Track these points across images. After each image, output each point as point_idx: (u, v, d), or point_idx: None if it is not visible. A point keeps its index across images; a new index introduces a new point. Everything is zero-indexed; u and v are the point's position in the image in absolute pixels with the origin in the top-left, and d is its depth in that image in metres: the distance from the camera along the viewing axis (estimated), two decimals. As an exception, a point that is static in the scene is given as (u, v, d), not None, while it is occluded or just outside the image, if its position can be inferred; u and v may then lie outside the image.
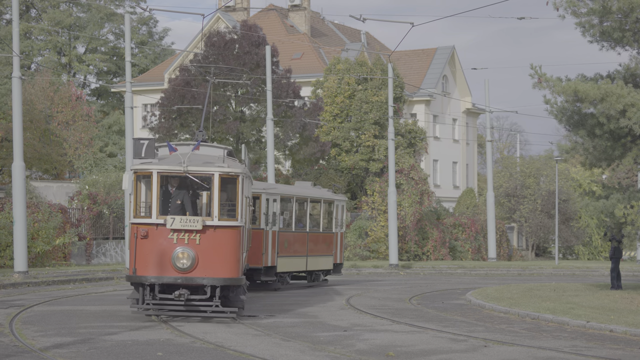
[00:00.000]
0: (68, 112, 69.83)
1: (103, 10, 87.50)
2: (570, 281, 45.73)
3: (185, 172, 24.10)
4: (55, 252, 48.86)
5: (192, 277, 23.79)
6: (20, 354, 19.48)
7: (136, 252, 24.02)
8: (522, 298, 32.93)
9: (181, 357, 19.47)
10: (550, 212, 71.93)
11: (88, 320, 25.95)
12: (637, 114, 30.31)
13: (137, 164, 24.64)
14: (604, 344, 22.62)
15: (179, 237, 23.69)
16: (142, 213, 25.04)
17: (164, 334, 23.00)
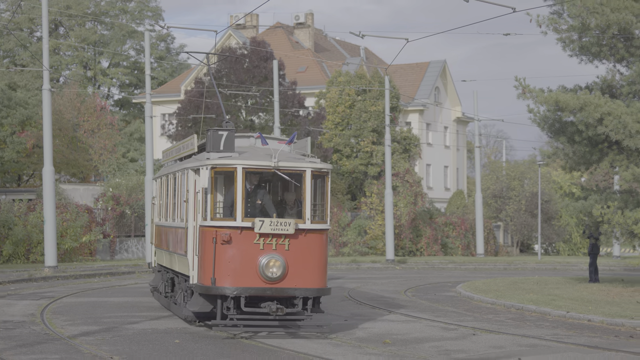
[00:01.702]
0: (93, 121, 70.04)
1: (125, 28, 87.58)
2: (552, 275, 45.62)
3: (275, 169, 19.57)
4: (82, 249, 48.91)
5: (283, 288, 19.30)
6: (50, 341, 19.49)
7: (215, 259, 19.19)
8: (507, 290, 32.89)
9: (196, 344, 19.44)
10: (533, 211, 71.91)
11: (112, 310, 25.96)
12: (613, 122, 30.26)
13: (216, 159, 19.78)
14: (582, 333, 22.58)
15: (266, 243, 19.18)
16: (218, 215, 20.11)
17: (180, 324, 22.96)
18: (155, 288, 27.42)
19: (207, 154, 20.28)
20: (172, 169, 25.05)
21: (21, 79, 77.95)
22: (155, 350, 18.50)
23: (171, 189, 24.54)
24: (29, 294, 30.92)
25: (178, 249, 22.45)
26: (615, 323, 24.17)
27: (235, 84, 57.44)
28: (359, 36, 40.00)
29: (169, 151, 27.94)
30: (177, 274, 23.23)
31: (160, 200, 27.23)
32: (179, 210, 22.72)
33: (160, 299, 26.76)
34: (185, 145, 23.95)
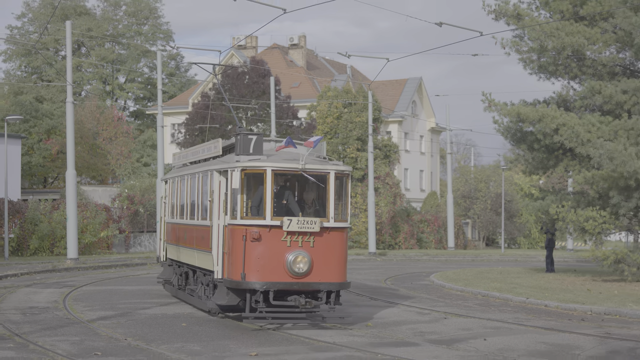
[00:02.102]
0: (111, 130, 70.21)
1: (139, 48, 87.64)
2: (514, 266, 45.69)
3: (302, 171, 18.76)
4: (100, 243, 48.95)
5: (309, 282, 18.54)
6: (71, 324, 19.53)
7: (245, 256, 18.34)
8: (474, 279, 32.95)
9: (201, 327, 19.44)
10: (497, 210, 72.20)
11: (126, 297, 25.95)
12: (567, 131, 30.33)
13: (246, 161, 18.82)
14: (540, 316, 22.65)
15: (293, 240, 18.39)
16: (248, 214, 19.01)
17: (187, 309, 22.96)
18: (167, 281, 26.22)
19: (236, 157, 19.30)
20: (189, 170, 23.91)
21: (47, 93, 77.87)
22: (165, 333, 18.54)
23: (188, 189, 23.47)
24: (52, 283, 30.89)
25: (200, 245, 21.38)
26: (569, 308, 24.28)
27: (236, 98, 57.67)
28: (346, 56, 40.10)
29: (182, 155, 27.10)
30: (196, 268, 22.33)
31: (173, 199, 26.04)
32: (200, 209, 21.78)
33: (173, 290, 25.68)
34: (208, 148, 22.83)
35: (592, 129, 30.42)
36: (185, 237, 23.37)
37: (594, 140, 29.59)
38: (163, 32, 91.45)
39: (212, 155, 22.03)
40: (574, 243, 67.15)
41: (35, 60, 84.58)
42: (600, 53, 31.69)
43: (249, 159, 18.82)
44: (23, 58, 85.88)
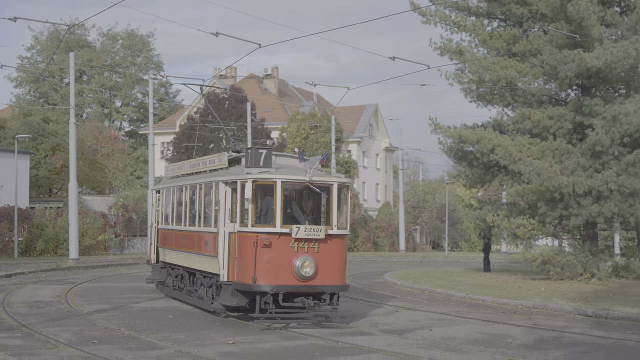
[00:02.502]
0: (108, 147, 70.14)
1: (133, 77, 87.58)
2: (456, 266, 45.88)
3: (309, 182, 17.88)
4: (98, 245, 48.72)
5: (314, 285, 17.66)
6: (72, 316, 19.41)
7: (256, 261, 17.36)
8: (422, 278, 33.04)
9: (185, 319, 19.36)
10: (442, 218, 72.54)
11: (120, 293, 25.78)
12: (501, 151, 30.53)
13: (257, 173, 17.86)
14: (478, 310, 22.74)
15: (300, 246, 17.44)
16: (246, 222, 17.98)
17: (174, 303, 22.86)
18: (161, 282, 24.82)
19: (246, 169, 18.27)
20: (187, 181, 22.56)
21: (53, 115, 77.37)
22: (153, 324, 18.46)
23: (187, 198, 22.14)
24: (56, 280, 30.67)
25: (204, 250, 20.18)
26: (503, 302, 24.40)
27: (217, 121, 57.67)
28: (312, 85, 40.16)
29: (175, 167, 25.70)
30: (195, 271, 21.18)
31: (168, 208, 24.55)
32: (203, 217, 20.54)
33: (168, 291, 24.20)
34: (211, 161, 21.59)
35: (522, 149, 30.64)
36: (183, 242, 22.13)
37: (524, 159, 29.80)
38: (154, 63, 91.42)
39: (217, 167, 20.84)
40: (507, 247, 67.47)
41: (43, 86, 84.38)
42: (529, 84, 31.93)
43: (259, 171, 17.92)
44: (32, 84, 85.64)
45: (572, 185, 28.99)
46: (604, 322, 20.51)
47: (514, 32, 32.35)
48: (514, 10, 31.86)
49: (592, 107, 29.76)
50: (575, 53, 28.96)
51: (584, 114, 30.14)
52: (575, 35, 29.06)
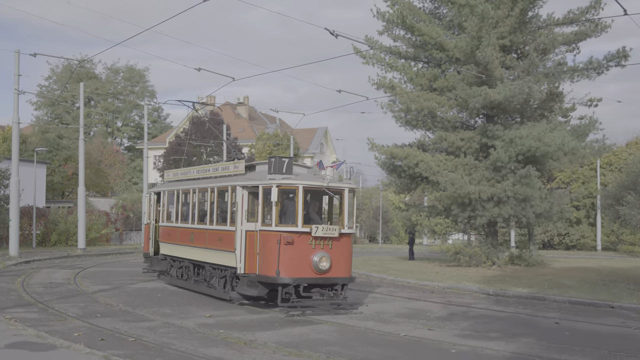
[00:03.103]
0: (111, 159, 69.51)
1: (132, 103, 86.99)
2: (387, 256, 46.03)
3: (326, 187, 16.85)
4: (101, 238, 48.17)
5: (329, 278, 16.49)
6: (79, 295, 19.19)
7: (280, 256, 16.05)
8: (361, 264, 33.04)
9: (172, 297, 19.25)
10: (377, 217, 72.88)
11: (119, 276, 25.52)
12: (424, 165, 30.77)
13: (280, 179, 16.50)
14: (404, 290, 22.86)
15: (317, 243, 16.30)
16: (269, 221, 16.65)
17: (162, 284, 22.69)
18: (162, 272, 23.10)
19: (269, 175, 16.82)
20: (195, 184, 20.72)
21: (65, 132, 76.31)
22: (146, 300, 18.33)
23: (196, 200, 20.47)
24: (67, 265, 30.28)
25: (218, 245, 18.50)
26: (423, 284, 24.56)
27: (200, 139, 57.63)
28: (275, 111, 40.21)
29: (177, 172, 23.60)
30: (204, 263, 19.59)
31: (171, 207, 22.52)
32: (216, 216, 18.85)
33: (170, 280, 22.33)
34: (225, 167, 19.73)
35: (440, 164, 30.93)
36: (191, 238, 20.39)
37: (442, 172, 30.07)
38: (149, 92, 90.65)
39: (233, 173, 19.03)
40: (428, 240, 68.04)
41: (57, 109, 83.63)
42: (446, 113, 32.24)
43: (282, 177, 16.57)
44: (49, 107, 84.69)
45: (478, 192, 29.35)
46: (502, 300, 20.79)
47: (434, 72, 32.70)
48: (434, 55, 32.22)
49: (494, 132, 30.13)
50: (481, 89, 29.34)
51: (488, 137, 30.52)
52: (482, 75, 29.43)
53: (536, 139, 28.57)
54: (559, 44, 31.39)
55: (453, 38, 31.29)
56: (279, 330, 14.27)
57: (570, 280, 25.76)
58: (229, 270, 18.00)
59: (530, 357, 12.09)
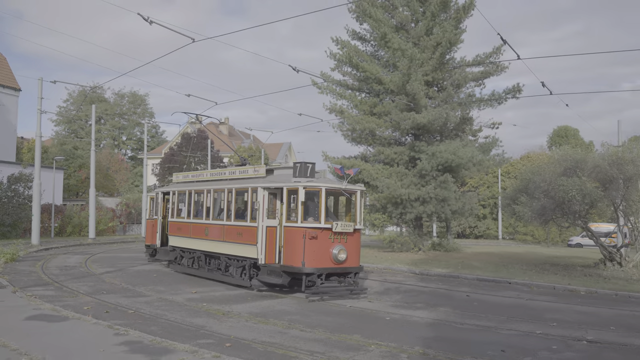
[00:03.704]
0: (117, 166, 68.32)
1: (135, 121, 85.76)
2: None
3: (343, 190, 15.68)
4: (108, 229, 47.12)
5: (345, 267, 15.26)
6: (89, 276, 18.72)
7: (305, 249, 14.78)
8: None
9: (165, 277, 18.93)
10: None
11: (122, 260, 25.01)
12: (366, 173, 30.86)
13: (305, 182, 15.16)
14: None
15: (335, 238, 15.06)
16: (294, 218, 15.15)
17: (158, 267, 22.29)
18: (171, 261, 21.15)
19: (294, 178, 15.50)
20: (209, 186, 19.03)
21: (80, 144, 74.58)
22: (144, 280, 17.99)
23: (211, 199, 18.73)
24: (79, 252, 29.55)
25: (236, 239, 16.87)
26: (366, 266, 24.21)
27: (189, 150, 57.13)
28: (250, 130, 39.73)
29: (189, 174, 21.49)
30: (219, 254, 17.88)
31: (182, 205, 20.57)
32: (233, 213, 17.19)
33: (181, 268, 20.28)
34: (243, 171, 18.06)
35: (379, 172, 31.07)
36: (206, 232, 18.55)
37: (380, 178, 30.23)
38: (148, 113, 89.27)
39: (254, 176, 17.43)
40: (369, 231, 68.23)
41: (73, 125, 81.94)
42: (383, 132, 32.39)
43: (307, 180, 15.21)
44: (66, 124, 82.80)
45: (407, 194, 29.56)
46: (426, 278, 20.94)
47: (374, 100, 32.87)
48: (374, 87, 32.40)
49: (420, 147, 30.40)
50: (410, 114, 29.58)
51: (415, 151, 30.78)
52: (411, 104, 29.69)
53: (452, 153, 28.93)
54: (469, 80, 31.84)
55: (389, 74, 31.51)
56: (251, 303, 14.15)
57: (478, 262, 26.10)
58: (247, 260, 16.60)
59: (447, 322, 12.20)
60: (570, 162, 22.56)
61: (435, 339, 10.60)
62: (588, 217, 23.56)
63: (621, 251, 23.24)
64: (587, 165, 22.06)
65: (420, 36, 30.96)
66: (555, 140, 67.88)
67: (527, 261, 27.45)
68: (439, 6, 30.57)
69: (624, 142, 28.63)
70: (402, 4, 32.04)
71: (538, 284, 18.71)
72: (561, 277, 20.59)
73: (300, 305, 13.94)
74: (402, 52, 29.62)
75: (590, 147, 60.37)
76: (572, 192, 21.26)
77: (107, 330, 9.92)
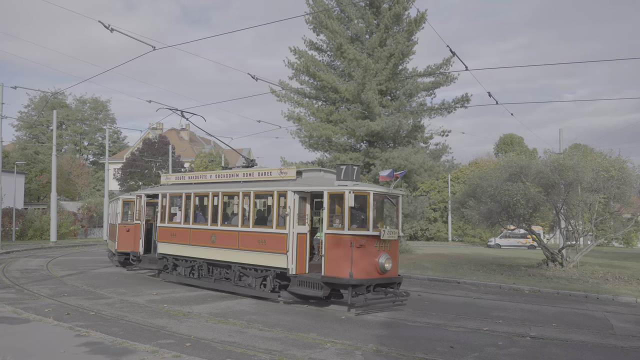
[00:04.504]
0: (78, 171, 66.62)
1: (96, 127, 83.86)
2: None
3: (388, 194, 13.83)
4: (70, 233, 45.91)
5: (389, 277, 13.39)
6: (50, 278, 18.17)
7: (353, 259, 12.78)
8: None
9: (126, 279, 18.52)
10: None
11: (84, 263, 24.36)
12: (323, 178, 30.86)
13: (352, 186, 13.15)
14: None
15: (380, 246, 13.18)
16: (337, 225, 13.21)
17: (119, 270, 21.80)
18: (161, 270, 18.33)
19: (340, 182, 13.47)
20: (216, 188, 16.49)
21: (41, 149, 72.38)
22: (105, 282, 17.57)
23: (220, 202, 16.25)
24: (41, 255, 28.67)
25: (257, 247, 14.63)
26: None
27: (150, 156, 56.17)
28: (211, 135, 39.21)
29: (186, 176, 18.47)
30: (232, 264, 15.53)
31: (176, 209, 17.87)
32: (251, 218, 15.01)
33: (177, 278, 17.50)
34: (265, 173, 15.58)
35: (335, 177, 31.10)
36: (212, 239, 16.09)
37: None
38: (110, 119, 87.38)
39: (280, 178, 15.16)
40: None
41: (35, 130, 79.58)
42: (339, 139, 32.50)
43: (353, 184, 13.26)
44: (28, 129, 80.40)
45: (363, 198, 29.63)
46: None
47: (330, 108, 33.01)
48: (330, 95, 32.53)
49: (374, 153, 30.64)
50: (365, 122, 29.81)
51: (370, 157, 31.02)
52: (365, 112, 29.93)
53: (404, 159, 29.27)
54: (421, 90, 32.33)
55: (344, 83, 31.70)
56: (211, 304, 13.99)
57: (429, 263, 26.42)
58: (271, 270, 14.44)
59: (400, 321, 12.32)
60: (515, 168, 23.14)
61: (388, 336, 10.70)
62: (532, 220, 24.19)
63: (562, 252, 23.93)
64: (530, 171, 22.66)
65: (374, 47, 31.29)
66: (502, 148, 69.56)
67: (475, 262, 27.95)
68: (392, 19, 30.97)
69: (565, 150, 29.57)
70: (357, 16, 32.33)
71: (485, 283, 19.07)
72: (507, 276, 21.06)
73: (259, 306, 13.86)
74: (357, 62, 29.86)
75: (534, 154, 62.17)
76: (516, 196, 21.80)
77: (69, 331, 9.66)
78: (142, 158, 56.57)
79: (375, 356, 9.10)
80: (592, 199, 21.87)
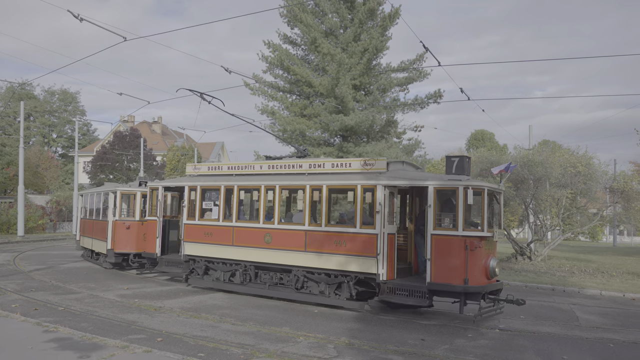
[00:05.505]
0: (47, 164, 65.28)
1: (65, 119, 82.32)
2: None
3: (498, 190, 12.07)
4: (38, 227, 45.00)
5: (496, 283, 11.81)
6: (17, 273, 17.83)
7: (468, 263, 11.05)
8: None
9: (96, 274, 18.26)
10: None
11: (52, 258, 23.95)
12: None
13: (466, 181, 11.46)
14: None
15: (487, 248, 11.50)
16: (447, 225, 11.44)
17: (88, 264, 21.49)
18: (190, 274, 15.74)
19: (451, 176, 11.72)
20: (275, 181, 14.10)
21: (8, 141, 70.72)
22: (74, 277, 17.31)
23: (276, 197, 13.97)
24: (7, 249, 28.08)
25: (337, 249, 12.63)
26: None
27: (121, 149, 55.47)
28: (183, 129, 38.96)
29: (223, 166, 15.89)
30: (293, 267, 13.45)
31: (221, 205, 14.95)
32: (326, 216, 13.03)
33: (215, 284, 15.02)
34: (345, 164, 13.45)
35: (308, 171, 31.07)
36: (268, 240, 13.91)
37: (309, 177, 30.22)
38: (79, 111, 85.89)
39: (365, 171, 13.08)
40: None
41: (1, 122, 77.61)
42: (313, 133, 32.52)
43: (467, 179, 11.57)
44: (-7, 121, 78.74)
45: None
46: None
47: (304, 102, 32.99)
48: (305, 89, 32.52)
49: (348, 148, 30.74)
50: (339, 117, 29.89)
51: (344, 151, 31.11)
52: (339, 106, 30.00)
53: (378, 154, 29.44)
54: (394, 85, 32.53)
55: (318, 78, 31.71)
56: (183, 298, 13.91)
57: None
58: (350, 276, 12.64)
59: (372, 315, 12.40)
60: (486, 164, 23.47)
61: (360, 330, 10.79)
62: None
63: (531, 246, 24.39)
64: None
65: (348, 42, 31.35)
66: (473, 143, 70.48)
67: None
68: (366, 14, 31.06)
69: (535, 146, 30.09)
70: (331, 11, 32.33)
71: (455, 276, 19.31)
72: (476, 269, 21.36)
73: (231, 300, 13.83)
74: (331, 56, 29.89)
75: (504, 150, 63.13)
76: (486, 191, 22.11)
77: (36, 327, 9.51)
78: (112, 151, 55.83)
79: (348, 349, 9.18)
80: (559, 194, 22.33)
